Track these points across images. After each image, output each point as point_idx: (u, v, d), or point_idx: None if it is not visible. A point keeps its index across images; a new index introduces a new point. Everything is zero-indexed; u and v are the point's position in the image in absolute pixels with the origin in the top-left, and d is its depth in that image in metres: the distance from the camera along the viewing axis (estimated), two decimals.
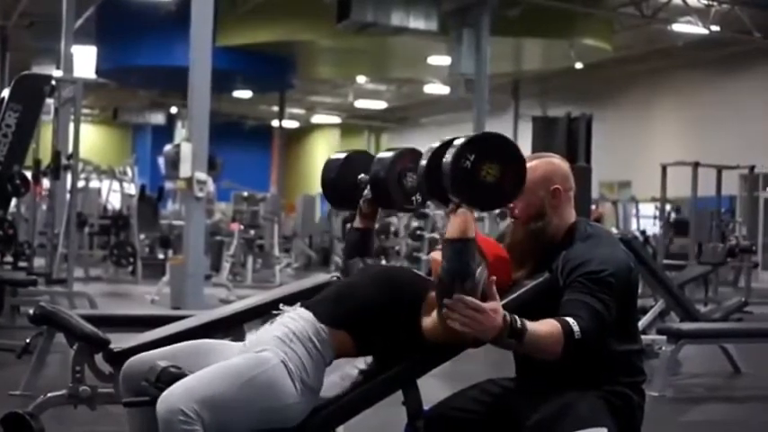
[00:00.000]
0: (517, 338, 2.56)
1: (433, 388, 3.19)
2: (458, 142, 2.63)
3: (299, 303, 2.93)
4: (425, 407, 2.92)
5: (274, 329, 2.82)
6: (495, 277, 2.59)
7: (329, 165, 3.38)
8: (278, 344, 2.74)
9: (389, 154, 3.21)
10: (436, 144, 2.77)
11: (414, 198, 3.20)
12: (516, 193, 2.71)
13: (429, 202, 3.26)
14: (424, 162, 2.77)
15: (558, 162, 3.03)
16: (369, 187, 3.23)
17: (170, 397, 2.54)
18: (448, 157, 2.61)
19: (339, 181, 3.33)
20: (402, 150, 3.21)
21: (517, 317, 2.57)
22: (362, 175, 3.26)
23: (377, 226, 3.39)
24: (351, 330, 2.84)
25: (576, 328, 2.59)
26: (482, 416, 2.94)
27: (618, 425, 2.78)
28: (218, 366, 2.67)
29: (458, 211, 2.61)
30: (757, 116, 22.37)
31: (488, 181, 2.61)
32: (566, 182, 2.99)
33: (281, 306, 2.93)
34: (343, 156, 3.37)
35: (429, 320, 2.79)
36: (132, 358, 2.90)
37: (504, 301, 2.67)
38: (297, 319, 2.83)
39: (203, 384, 2.59)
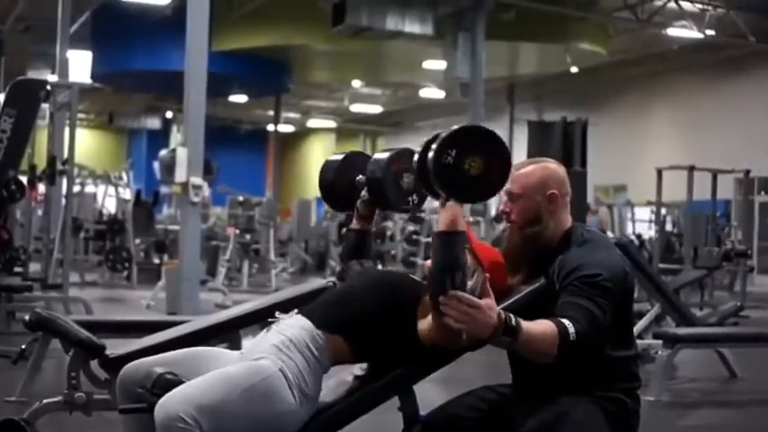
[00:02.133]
0: (512, 336, 2.55)
1: (430, 393, 3.19)
2: (441, 136, 2.64)
3: (295, 310, 2.92)
4: (422, 412, 2.92)
5: (271, 337, 2.81)
6: (488, 275, 2.59)
7: (327, 166, 3.38)
8: (275, 352, 2.74)
9: (385, 155, 3.20)
10: (429, 137, 2.77)
11: (410, 198, 3.20)
12: (502, 183, 2.71)
13: (425, 206, 3.26)
14: (415, 158, 2.78)
15: (554, 167, 3.03)
16: (365, 188, 3.23)
17: (169, 403, 2.54)
18: (431, 152, 2.61)
19: (337, 182, 3.33)
20: (398, 151, 3.21)
21: (512, 315, 2.57)
22: (360, 176, 3.25)
23: (374, 229, 3.39)
24: (347, 336, 2.83)
25: (571, 329, 2.59)
26: (478, 422, 2.94)
27: (613, 431, 2.78)
28: (216, 374, 2.67)
29: (446, 204, 2.61)
30: (753, 120, 22.41)
31: (472, 174, 2.61)
32: (562, 187, 2.99)
33: (276, 314, 2.93)
34: (340, 157, 3.37)
35: (425, 323, 2.79)
36: (129, 365, 2.89)
37: (500, 307, 2.67)
38: (293, 326, 2.82)
39: (202, 391, 2.58)
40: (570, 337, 2.58)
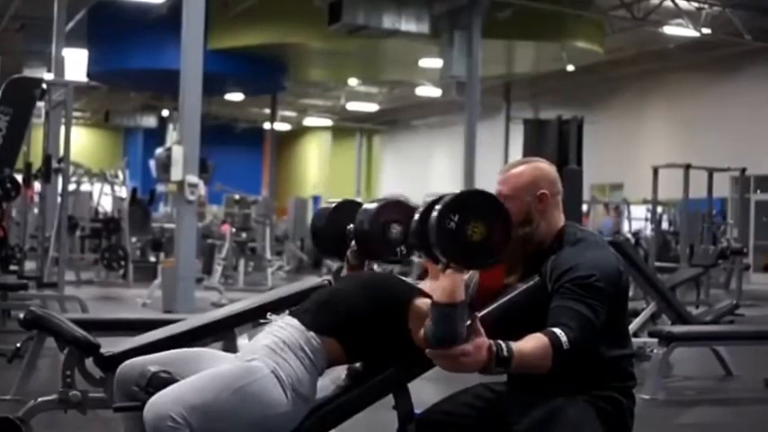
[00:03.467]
0: (504, 366, 2.55)
1: (424, 391, 3.19)
2: (443, 200, 2.61)
3: (287, 312, 2.92)
4: (416, 410, 2.92)
5: (264, 338, 2.81)
6: (478, 314, 2.57)
7: (319, 213, 3.40)
8: (268, 353, 2.74)
9: (374, 205, 3.19)
10: (429, 200, 2.74)
11: (398, 249, 3.18)
12: (503, 248, 2.67)
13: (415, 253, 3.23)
14: (416, 219, 2.75)
15: (544, 167, 3.02)
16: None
17: (158, 402, 2.53)
18: (433, 216, 2.58)
19: (328, 230, 3.33)
20: (386, 202, 3.20)
21: (503, 344, 2.54)
22: (351, 225, 3.24)
23: None
24: (340, 338, 2.83)
25: (563, 338, 2.58)
26: (473, 421, 2.94)
27: (607, 430, 2.78)
28: (207, 374, 2.67)
29: (446, 272, 2.57)
30: (749, 118, 22.43)
31: (475, 240, 2.58)
32: (552, 186, 2.98)
33: (268, 315, 2.93)
34: (332, 205, 3.37)
35: (419, 337, 2.77)
36: (125, 363, 2.89)
37: (492, 307, 2.67)
38: (285, 327, 2.82)
39: (192, 391, 2.58)
40: (563, 346, 2.58)
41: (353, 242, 3.23)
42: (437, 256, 2.61)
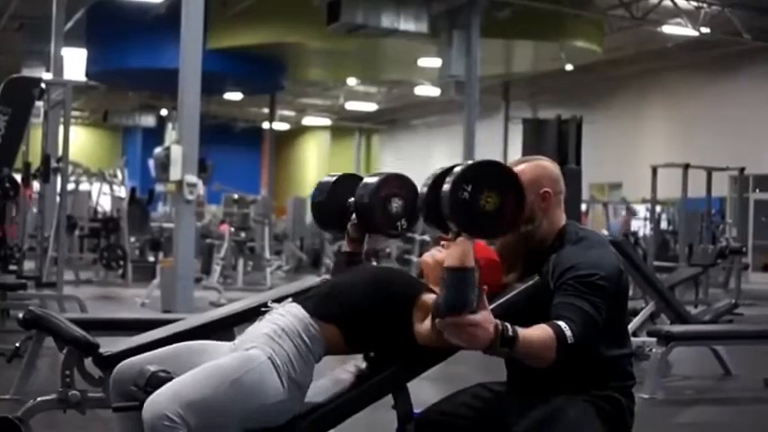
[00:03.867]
0: (509, 346, 2.54)
1: (424, 391, 3.19)
2: (455, 171, 2.62)
3: (289, 299, 2.92)
4: (416, 410, 2.92)
5: (263, 326, 2.82)
6: (486, 286, 2.58)
7: (319, 187, 3.38)
8: (266, 340, 2.74)
9: (375, 179, 3.21)
10: (438, 170, 2.76)
11: (399, 223, 3.20)
12: (517, 218, 2.70)
13: (414, 228, 3.24)
14: (424, 190, 2.77)
15: (547, 165, 3.02)
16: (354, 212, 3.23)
17: (155, 402, 2.53)
18: (446, 187, 2.60)
19: (328, 204, 3.33)
20: (387, 176, 3.22)
21: (508, 325, 2.55)
22: (351, 199, 3.25)
23: (365, 249, 3.38)
24: (341, 325, 2.84)
25: (568, 332, 2.58)
26: (472, 421, 2.94)
27: (607, 429, 2.78)
28: (204, 368, 2.66)
29: (457, 240, 2.58)
30: (747, 118, 22.43)
31: (488, 209, 2.60)
32: (555, 185, 2.98)
33: (269, 303, 2.93)
34: (332, 179, 3.36)
35: (422, 327, 2.78)
36: (122, 362, 2.88)
37: (493, 305, 2.66)
38: (285, 315, 2.83)
39: (189, 388, 2.57)
40: (568, 340, 2.58)
41: (354, 216, 3.24)
42: (448, 225, 2.62)
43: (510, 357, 2.64)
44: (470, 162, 2.69)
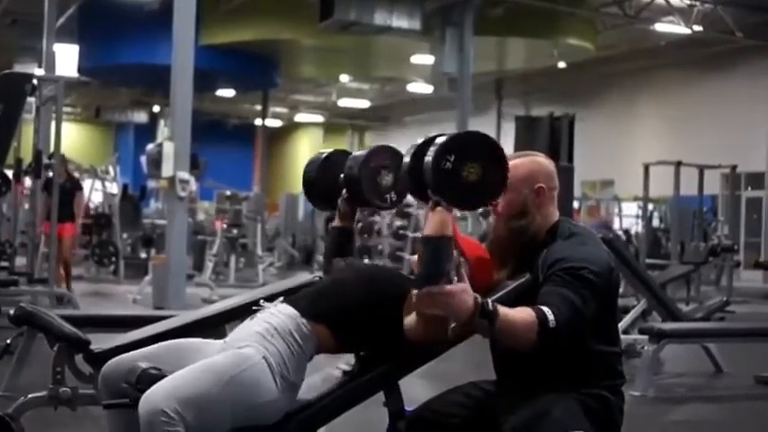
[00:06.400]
0: (489, 319, 2.53)
1: (415, 389, 3.19)
2: (438, 141, 2.61)
3: (280, 299, 2.92)
4: (407, 408, 2.91)
5: (255, 325, 2.81)
6: (463, 259, 2.57)
7: (310, 164, 3.38)
8: (259, 340, 2.73)
9: (363, 152, 3.21)
10: (419, 141, 2.75)
11: (388, 196, 3.20)
12: (499, 191, 2.68)
13: (407, 200, 3.25)
14: (407, 159, 2.76)
15: (542, 161, 3.02)
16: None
17: (152, 397, 2.52)
18: (429, 156, 2.58)
19: (319, 180, 3.33)
20: (376, 148, 3.23)
21: (489, 300, 2.55)
22: (342, 174, 3.25)
23: (360, 225, 3.39)
24: (332, 325, 2.83)
25: (550, 316, 2.56)
26: (463, 419, 2.93)
27: (595, 428, 2.77)
28: (200, 365, 2.66)
29: (436, 209, 2.59)
30: (740, 115, 22.46)
31: (470, 180, 2.58)
32: (550, 181, 2.98)
33: (261, 302, 2.92)
34: (323, 155, 3.37)
35: (409, 320, 2.79)
36: (112, 360, 2.87)
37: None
38: (277, 314, 2.82)
39: (185, 384, 2.57)
40: (550, 324, 2.55)
41: (344, 190, 3.24)
42: (429, 195, 2.61)
43: (492, 335, 2.62)
44: (454, 132, 2.68)
